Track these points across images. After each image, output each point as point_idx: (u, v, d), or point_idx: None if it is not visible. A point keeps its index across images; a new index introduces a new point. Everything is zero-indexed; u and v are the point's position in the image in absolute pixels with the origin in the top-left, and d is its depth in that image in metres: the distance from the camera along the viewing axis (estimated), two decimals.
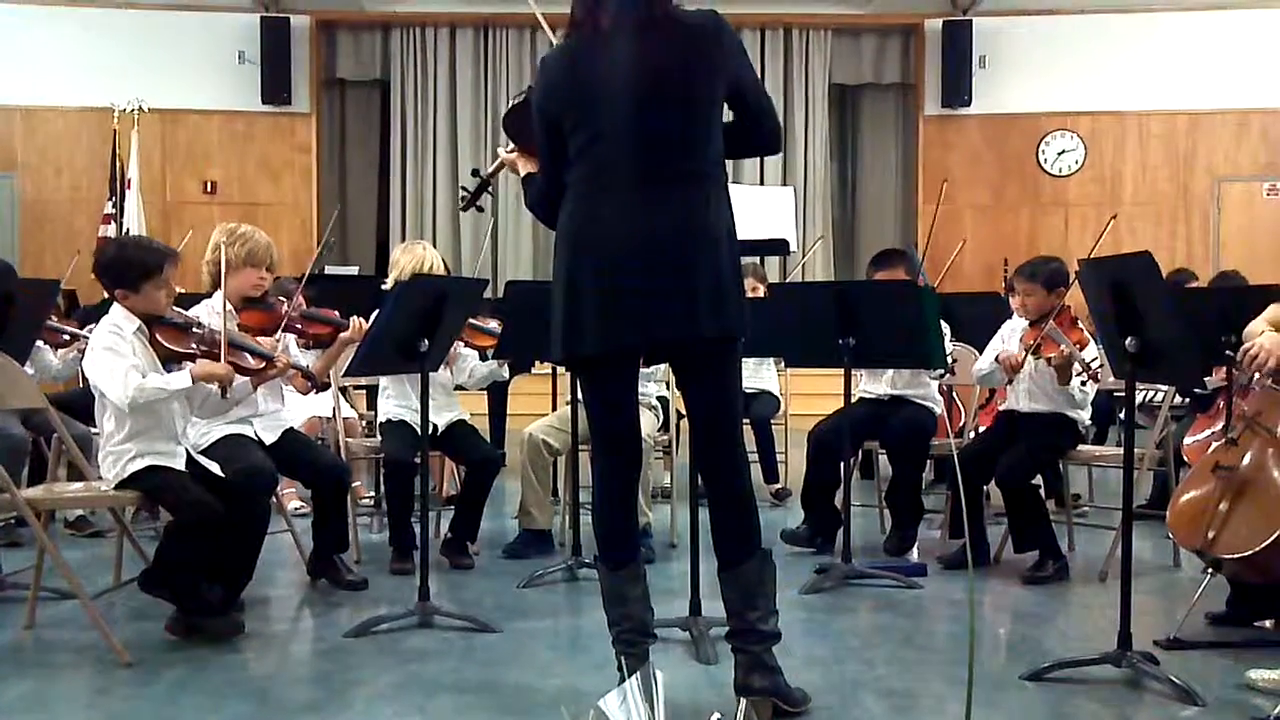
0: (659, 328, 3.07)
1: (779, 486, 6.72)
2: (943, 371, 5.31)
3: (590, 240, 3.08)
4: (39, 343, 5.46)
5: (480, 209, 4.21)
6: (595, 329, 3.06)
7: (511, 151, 3.55)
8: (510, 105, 3.52)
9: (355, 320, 4.79)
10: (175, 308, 4.14)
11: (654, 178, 3.04)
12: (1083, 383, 4.82)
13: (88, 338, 4.86)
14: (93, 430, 4.62)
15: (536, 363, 6.32)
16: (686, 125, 3.05)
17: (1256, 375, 3.61)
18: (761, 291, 6.18)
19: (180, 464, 3.98)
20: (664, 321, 3.04)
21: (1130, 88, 12.32)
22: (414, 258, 5.27)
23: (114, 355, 3.85)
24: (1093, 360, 4.72)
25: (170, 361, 4.06)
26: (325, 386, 4.76)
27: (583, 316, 3.07)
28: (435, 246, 5.62)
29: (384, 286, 5.35)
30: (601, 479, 3.27)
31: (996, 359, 5.04)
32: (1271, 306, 3.70)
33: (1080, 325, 4.96)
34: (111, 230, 11.12)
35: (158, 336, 4.00)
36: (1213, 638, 3.90)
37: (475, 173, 4.22)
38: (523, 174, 3.44)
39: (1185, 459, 5.28)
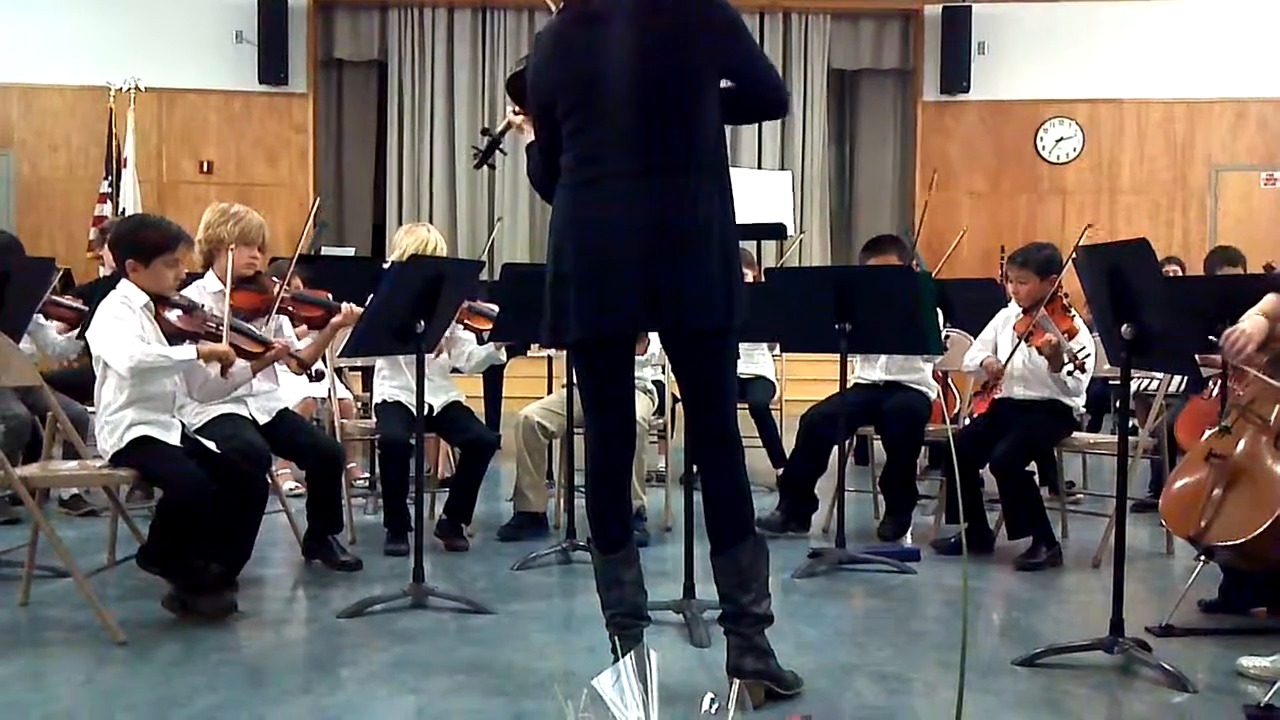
0: (643, 317, 3.08)
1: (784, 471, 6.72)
2: (937, 355, 5.31)
3: (577, 230, 3.08)
4: (41, 319, 5.46)
5: (492, 166, 4.21)
6: (578, 316, 3.06)
7: (518, 114, 3.53)
8: (514, 70, 3.50)
9: (346, 306, 4.77)
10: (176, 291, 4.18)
11: (642, 168, 3.02)
12: (1069, 371, 4.82)
13: (91, 312, 4.84)
14: (89, 409, 4.62)
15: (533, 346, 6.32)
16: (675, 115, 3.03)
17: (1239, 357, 3.60)
18: (750, 277, 6.17)
19: (175, 438, 4.00)
20: (648, 311, 3.04)
21: (1129, 76, 12.29)
22: (416, 239, 5.25)
23: (120, 323, 3.92)
24: (1080, 350, 4.73)
25: (174, 341, 4.10)
26: (320, 376, 4.73)
27: (567, 303, 3.08)
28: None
29: (385, 267, 5.35)
30: (595, 462, 3.27)
31: (981, 364, 5.11)
32: (1268, 296, 3.70)
33: (1073, 313, 4.96)
34: (108, 209, 11.09)
35: (163, 314, 4.05)
36: (1205, 625, 3.91)
37: (485, 131, 4.22)
38: (526, 141, 3.42)
39: (1177, 435, 5.28)
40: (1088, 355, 4.75)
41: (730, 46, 3.09)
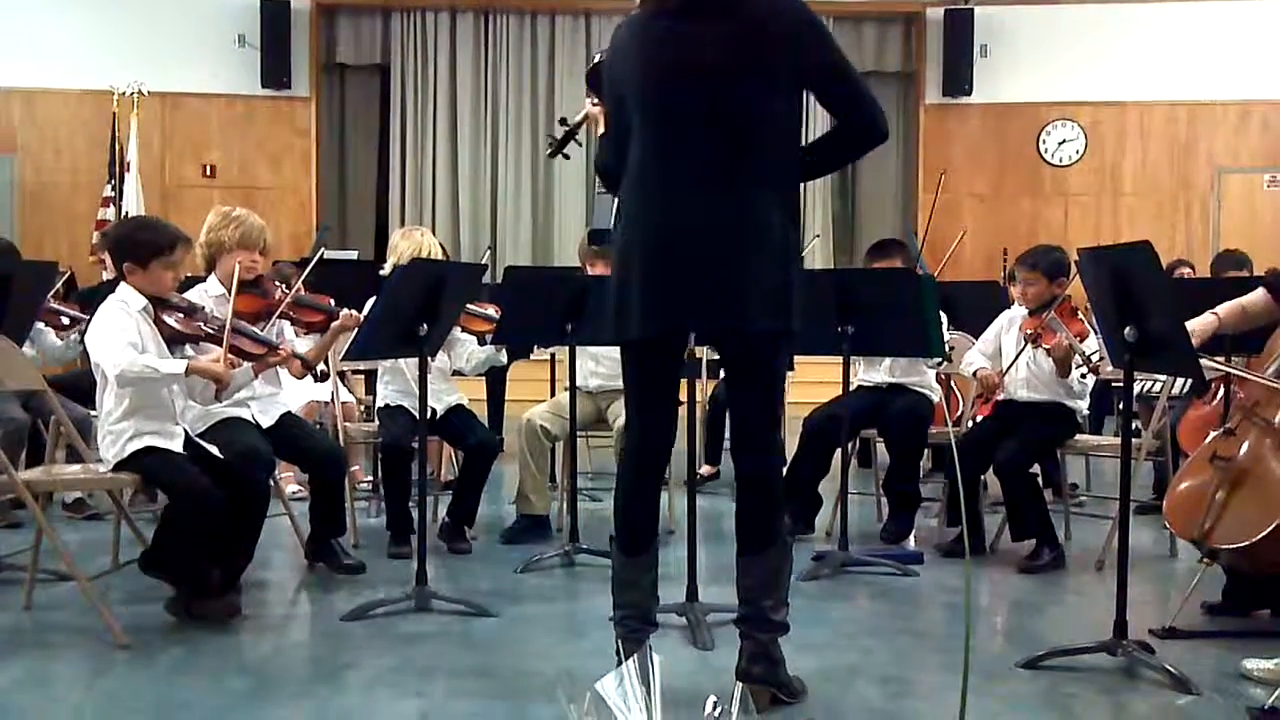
0: (707, 318, 3.07)
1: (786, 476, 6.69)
2: (940, 360, 5.32)
3: (641, 228, 3.07)
4: (40, 325, 5.46)
5: (567, 156, 4.24)
6: (640, 313, 3.05)
7: (596, 105, 3.51)
8: (594, 62, 3.45)
9: (346, 311, 4.75)
10: (176, 293, 4.16)
11: (705, 169, 3.00)
12: (1082, 375, 4.81)
13: (88, 319, 4.83)
14: (91, 413, 4.62)
15: (535, 348, 6.32)
16: (741, 118, 3.00)
17: None
18: None
19: (178, 445, 3.99)
20: (712, 312, 3.04)
21: (1131, 78, 12.28)
22: (413, 243, 5.26)
23: (114, 328, 3.89)
24: (1093, 353, 4.71)
25: (174, 343, 4.07)
26: (325, 376, 4.73)
27: (630, 300, 3.07)
28: (434, 232, 5.61)
29: (382, 272, 5.35)
30: (632, 461, 3.26)
31: (975, 375, 5.14)
32: (1259, 290, 3.78)
33: (1080, 316, 4.95)
34: (111, 213, 11.10)
35: (162, 317, 4.03)
36: (1208, 627, 3.90)
37: (563, 121, 4.22)
38: (599, 133, 3.39)
39: (1179, 441, 5.28)
40: (1102, 359, 4.73)
41: (810, 51, 3.02)
